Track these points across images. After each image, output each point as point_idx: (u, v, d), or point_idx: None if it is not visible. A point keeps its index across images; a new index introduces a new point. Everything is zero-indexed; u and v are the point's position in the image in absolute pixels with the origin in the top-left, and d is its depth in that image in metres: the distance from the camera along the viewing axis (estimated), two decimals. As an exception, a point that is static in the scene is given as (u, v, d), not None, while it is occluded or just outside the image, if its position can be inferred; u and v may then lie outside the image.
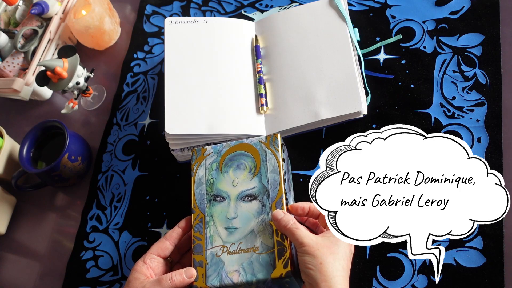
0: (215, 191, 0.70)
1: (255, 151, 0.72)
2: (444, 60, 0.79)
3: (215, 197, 0.70)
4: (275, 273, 0.63)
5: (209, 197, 0.70)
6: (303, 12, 0.88)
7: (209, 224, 0.68)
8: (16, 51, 1.00)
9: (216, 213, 0.69)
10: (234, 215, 0.68)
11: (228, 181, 0.70)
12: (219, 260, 0.66)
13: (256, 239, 0.66)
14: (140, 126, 0.93)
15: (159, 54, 0.99)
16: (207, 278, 0.65)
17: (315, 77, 0.82)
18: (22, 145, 0.89)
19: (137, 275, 0.66)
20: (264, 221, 0.67)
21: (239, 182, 0.70)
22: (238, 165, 0.71)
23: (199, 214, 0.69)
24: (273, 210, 0.66)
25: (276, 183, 0.68)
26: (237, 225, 0.67)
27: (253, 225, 0.67)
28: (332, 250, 0.60)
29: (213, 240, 0.67)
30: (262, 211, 0.67)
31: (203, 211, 0.69)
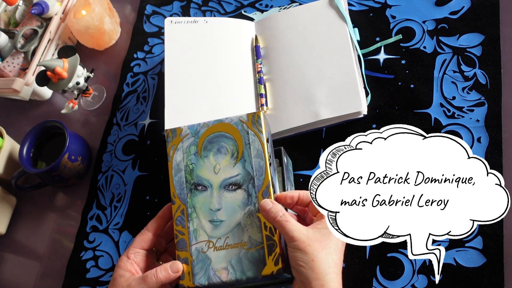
0: (195, 179, 0.64)
1: (236, 132, 0.65)
2: (444, 60, 0.79)
3: (196, 186, 0.64)
4: (265, 271, 0.60)
5: (189, 185, 0.64)
6: (303, 12, 0.88)
7: (192, 217, 0.63)
8: (16, 51, 1.00)
9: (198, 204, 0.63)
10: (218, 207, 0.63)
11: (209, 167, 0.64)
12: (205, 256, 0.61)
13: (244, 234, 0.62)
14: (140, 126, 0.93)
15: (159, 54, 0.99)
16: (194, 276, 0.61)
17: (315, 77, 0.82)
18: (22, 145, 0.89)
19: (121, 272, 0.63)
20: (251, 213, 0.62)
21: (221, 168, 0.64)
22: (218, 149, 0.65)
23: (180, 205, 0.64)
24: (259, 200, 0.62)
25: (262, 169, 0.63)
26: (222, 217, 0.63)
27: (239, 217, 0.62)
28: (324, 244, 0.58)
29: (198, 235, 0.62)
30: (248, 202, 0.62)
31: (184, 201, 0.64)
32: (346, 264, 0.71)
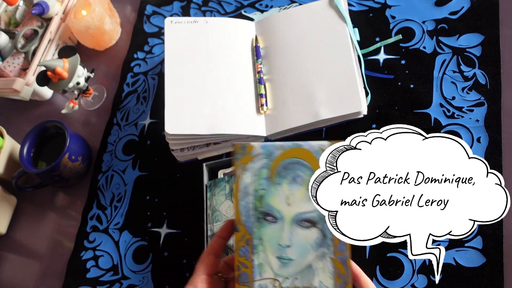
0: (265, 208, 0.57)
1: (315, 162, 0.58)
2: (444, 60, 0.79)
3: (265, 216, 0.57)
4: None
5: (257, 213, 0.57)
6: (303, 12, 0.88)
7: (258, 249, 0.56)
8: (16, 51, 1.00)
9: (266, 236, 0.57)
10: (289, 243, 0.57)
11: (281, 196, 0.57)
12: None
13: (314, 277, 0.56)
14: (140, 126, 0.93)
15: (159, 54, 0.99)
16: None
17: (315, 77, 0.82)
18: (23, 145, 0.90)
19: None
20: (324, 255, 0.56)
21: (295, 200, 0.57)
22: (294, 178, 0.58)
23: (245, 234, 0.57)
24: (335, 243, 0.56)
25: None
26: (292, 256, 0.56)
27: (310, 258, 0.56)
28: None
29: (263, 270, 0.56)
30: (322, 243, 0.56)
31: (250, 230, 0.57)
32: (346, 264, 0.71)
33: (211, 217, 0.75)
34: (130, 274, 0.81)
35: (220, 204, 0.75)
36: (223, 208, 0.75)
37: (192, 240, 0.80)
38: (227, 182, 0.76)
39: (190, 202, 0.82)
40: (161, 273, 0.79)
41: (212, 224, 0.74)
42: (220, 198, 0.76)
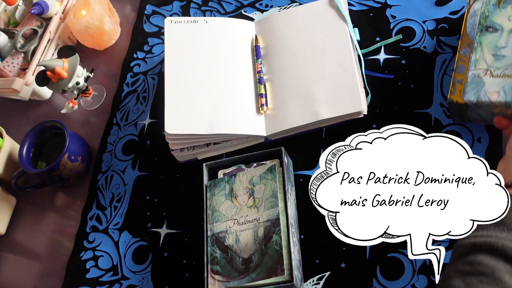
0: (488, 23, 0.72)
1: None
2: (444, 60, 0.79)
3: (487, 28, 0.72)
4: None
5: (481, 27, 0.72)
6: (303, 12, 0.88)
7: (476, 50, 0.71)
8: (16, 51, 1.00)
9: (485, 41, 0.71)
10: (505, 45, 0.70)
11: (504, 15, 0.72)
12: (480, 81, 0.68)
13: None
14: (140, 126, 0.93)
15: (159, 54, 0.99)
16: (465, 94, 0.68)
17: (315, 77, 0.81)
18: (22, 145, 0.89)
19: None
20: None
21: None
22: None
23: (468, 40, 0.72)
24: None
25: None
26: (506, 53, 0.69)
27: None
28: None
29: (478, 64, 0.70)
30: None
31: (472, 38, 0.72)
32: (346, 264, 0.71)
33: (211, 217, 0.75)
34: (130, 275, 0.81)
35: (220, 204, 0.75)
36: (223, 208, 0.75)
37: (192, 240, 0.80)
38: (227, 182, 0.76)
39: (190, 202, 0.82)
40: (161, 273, 0.79)
41: (212, 224, 0.74)
42: (220, 198, 0.76)
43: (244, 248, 0.71)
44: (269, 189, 0.73)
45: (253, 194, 0.74)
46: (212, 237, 0.73)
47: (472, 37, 0.73)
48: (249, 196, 0.74)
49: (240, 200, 0.74)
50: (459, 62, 0.72)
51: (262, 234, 0.71)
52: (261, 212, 0.72)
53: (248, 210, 0.73)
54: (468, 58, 0.72)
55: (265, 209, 0.72)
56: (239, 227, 0.72)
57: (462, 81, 0.70)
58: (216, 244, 0.72)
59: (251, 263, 0.69)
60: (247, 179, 0.75)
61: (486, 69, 0.69)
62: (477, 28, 0.73)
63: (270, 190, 0.73)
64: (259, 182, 0.75)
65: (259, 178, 0.75)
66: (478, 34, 0.72)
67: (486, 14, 0.73)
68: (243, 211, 0.73)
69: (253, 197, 0.74)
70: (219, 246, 0.72)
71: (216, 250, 0.72)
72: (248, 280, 0.68)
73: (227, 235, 0.72)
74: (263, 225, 0.71)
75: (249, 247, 0.70)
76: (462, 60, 0.72)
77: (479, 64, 0.70)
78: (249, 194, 0.74)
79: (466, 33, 0.74)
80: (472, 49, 0.72)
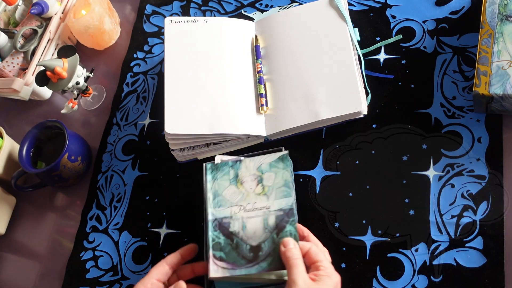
0: (508, 12, 0.72)
1: None
2: (444, 60, 0.79)
3: (508, 17, 0.72)
4: None
5: (501, 16, 0.72)
6: (303, 12, 0.88)
7: (498, 40, 0.71)
8: (15, 51, 1.00)
9: (507, 31, 0.71)
10: None
11: None
12: (505, 73, 0.69)
13: None
14: (140, 126, 0.93)
15: (159, 54, 0.99)
16: (490, 86, 0.69)
17: (315, 77, 0.81)
18: (22, 145, 0.89)
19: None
20: None
21: None
22: None
23: (489, 29, 0.72)
24: None
25: None
26: None
27: None
28: None
29: (501, 55, 0.70)
30: None
31: (493, 27, 0.72)
32: (346, 264, 0.71)
33: (212, 202, 0.73)
34: (130, 275, 0.81)
35: (224, 189, 0.73)
36: (227, 193, 0.72)
37: (192, 240, 0.79)
38: (231, 167, 0.75)
39: (190, 202, 0.82)
40: (161, 273, 0.79)
41: (213, 208, 0.72)
42: (223, 183, 0.73)
43: (252, 235, 0.68)
44: (281, 177, 0.72)
45: (262, 181, 0.72)
46: (214, 221, 0.71)
47: (492, 27, 0.72)
48: (257, 183, 0.72)
49: (247, 187, 0.72)
50: (482, 53, 0.72)
51: (274, 223, 0.68)
52: (271, 200, 0.70)
53: (256, 197, 0.71)
54: (490, 49, 0.71)
55: (276, 198, 0.70)
56: (246, 213, 0.70)
57: (486, 73, 0.70)
58: (220, 229, 0.70)
59: (260, 251, 0.66)
60: (255, 166, 0.74)
61: (510, 61, 0.70)
62: (497, 17, 0.73)
63: (282, 179, 0.71)
64: (269, 170, 0.73)
65: (269, 166, 0.73)
66: (499, 23, 0.72)
67: (505, 2, 0.73)
68: (250, 197, 0.71)
69: (262, 184, 0.72)
70: (223, 231, 0.69)
71: (220, 235, 0.69)
72: (258, 269, 0.65)
73: (232, 221, 0.70)
74: (275, 214, 0.69)
75: (258, 235, 0.68)
76: (484, 51, 0.72)
77: (502, 56, 0.70)
78: (257, 181, 0.72)
79: (486, 22, 0.73)
80: (494, 39, 0.72)
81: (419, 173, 0.73)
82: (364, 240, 0.71)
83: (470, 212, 0.68)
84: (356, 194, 0.75)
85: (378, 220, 0.72)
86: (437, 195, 0.71)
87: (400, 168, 0.74)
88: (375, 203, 0.73)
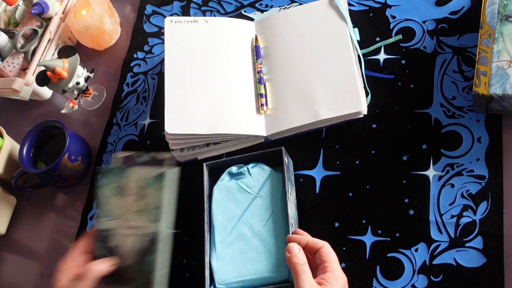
0: (508, 12, 0.72)
1: None
2: (444, 60, 0.79)
3: (507, 17, 0.72)
4: None
5: (500, 16, 0.72)
6: (303, 12, 0.88)
7: (498, 40, 0.71)
8: (16, 51, 1.00)
9: (506, 31, 0.71)
10: None
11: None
12: (505, 73, 0.68)
13: None
14: (140, 126, 0.93)
15: (159, 54, 0.99)
16: (490, 86, 0.68)
17: (315, 77, 0.81)
18: (22, 145, 0.89)
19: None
20: None
21: None
22: None
23: (488, 30, 0.72)
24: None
25: None
26: None
27: None
28: None
29: (500, 55, 0.70)
30: None
31: (493, 28, 0.72)
32: (346, 264, 0.71)
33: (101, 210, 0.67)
34: (130, 274, 0.81)
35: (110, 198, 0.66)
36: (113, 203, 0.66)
37: (192, 240, 0.80)
38: (120, 175, 0.66)
39: (190, 202, 0.82)
40: (161, 273, 0.79)
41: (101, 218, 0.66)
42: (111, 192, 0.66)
43: (126, 257, 0.64)
44: (156, 198, 0.64)
45: (143, 197, 0.65)
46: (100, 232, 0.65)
47: (492, 27, 0.72)
48: (137, 198, 0.65)
49: (129, 200, 0.65)
50: (481, 53, 0.72)
51: (143, 246, 0.63)
52: (145, 221, 0.64)
53: (134, 214, 0.64)
54: (490, 49, 0.71)
55: (148, 220, 0.64)
56: (125, 230, 0.64)
57: (486, 73, 0.70)
58: (101, 241, 0.65)
59: (126, 274, 0.63)
60: (137, 179, 0.65)
61: (509, 61, 0.70)
62: (497, 17, 0.73)
63: (157, 200, 0.64)
64: (149, 187, 0.65)
65: (150, 181, 0.65)
66: (499, 23, 0.72)
67: (504, 2, 0.73)
68: (131, 213, 0.65)
69: (142, 201, 0.65)
70: (105, 244, 0.65)
71: (102, 247, 0.65)
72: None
73: (112, 236, 0.65)
74: (147, 239, 0.63)
75: (130, 257, 0.64)
76: (484, 51, 0.72)
77: (502, 56, 0.70)
78: (139, 196, 0.65)
79: (486, 22, 0.73)
80: (494, 39, 0.72)
81: (419, 173, 0.73)
82: (364, 240, 0.71)
83: (470, 212, 0.68)
84: (356, 194, 0.75)
85: (378, 220, 0.72)
86: (437, 195, 0.71)
87: (400, 168, 0.74)
88: (375, 203, 0.73)
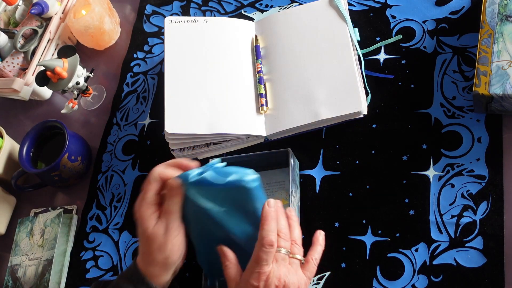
0: (508, 12, 0.72)
1: None
2: (444, 60, 0.79)
3: (507, 17, 0.72)
4: None
5: (501, 16, 0.73)
6: (303, 12, 0.88)
7: (498, 40, 0.71)
8: (16, 51, 1.00)
9: (507, 31, 0.71)
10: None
11: None
12: (505, 73, 0.69)
13: None
14: (140, 126, 0.93)
15: (159, 54, 0.99)
16: (490, 86, 0.69)
17: (315, 77, 0.81)
18: (22, 145, 0.89)
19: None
20: None
21: None
22: None
23: (488, 30, 0.73)
24: None
25: None
26: None
27: None
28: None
29: (500, 55, 0.70)
30: None
31: (493, 28, 0.72)
32: (346, 264, 0.71)
33: (12, 250, 0.87)
34: (130, 274, 0.80)
35: (21, 240, 0.87)
36: (22, 244, 0.87)
37: (192, 240, 0.80)
38: (30, 222, 0.88)
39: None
40: (161, 273, 0.79)
41: (12, 257, 0.87)
42: (22, 235, 0.87)
43: (28, 281, 0.82)
44: (54, 232, 0.84)
45: (43, 234, 0.85)
46: (10, 267, 0.85)
47: (492, 27, 0.72)
48: (41, 235, 0.85)
49: (35, 239, 0.86)
50: (482, 53, 0.72)
51: (40, 271, 0.81)
52: (44, 251, 0.83)
53: (37, 248, 0.84)
54: (490, 49, 0.71)
55: (47, 249, 0.83)
56: (28, 262, 0.83)
57: (486, 73, 0.70)
58: (11, 275, 0.84)
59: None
60: (43, 220, 0.87)
61: (509, 61, 0.70)
62: (497, 17, 0.73)
63: (54, 233, 0.84)
64: (49, 225, 0.85)
65: (50, 222, 0.86)
66: (499, 23, 0.72)
67: (505, 2, 0.73)
68: (34, 248, 0.85)
69: (43, 237, 0.85)
70: (12, 276, 0.84)
71: (9, 279, 0.84)
72: None
73: (19, 268, 0.84)
74: (43, 263, 0.82)
75: (30, 280, 0.82)
76: (484, 51, 0.72)
77: (502, 56, 0.70)
78: (41, 234, 0.85)
79: (486, 22, 0.73)
80: (494, 39, 0.72)
81: (419, 173, 0.73)
82: (364, 240, 0.71)
83: (470, 212, 0.68)
84: (356, 194, 0.75)
85: (378, 220, 0.72)
86: (437, 195, 0.71)
87: (400, 168, 0.74)
88: (375, 203, 0.73)
